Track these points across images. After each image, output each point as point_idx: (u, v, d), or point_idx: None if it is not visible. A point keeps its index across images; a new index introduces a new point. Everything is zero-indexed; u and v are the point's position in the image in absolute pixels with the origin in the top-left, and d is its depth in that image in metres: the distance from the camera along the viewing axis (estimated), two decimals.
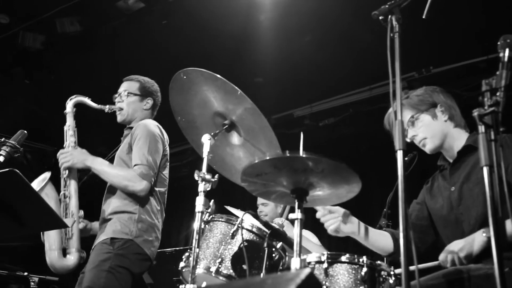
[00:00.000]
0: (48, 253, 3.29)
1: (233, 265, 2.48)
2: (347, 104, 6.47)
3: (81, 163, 3.37)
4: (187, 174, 7.71)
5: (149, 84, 3.71)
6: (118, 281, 3.08)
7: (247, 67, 5.75)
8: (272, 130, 2.46)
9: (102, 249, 3.17)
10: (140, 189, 3.23)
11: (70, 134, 3.58)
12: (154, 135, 3.39)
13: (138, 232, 3.22)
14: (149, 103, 3.66)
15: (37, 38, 5.76)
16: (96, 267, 3.10)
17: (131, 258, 3.16)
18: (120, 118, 3.65)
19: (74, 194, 3.43)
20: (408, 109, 2.74)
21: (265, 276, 1.26)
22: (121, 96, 3.63)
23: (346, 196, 2.22)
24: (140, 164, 3.26)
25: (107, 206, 3.36)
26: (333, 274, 2.28)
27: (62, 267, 3.29)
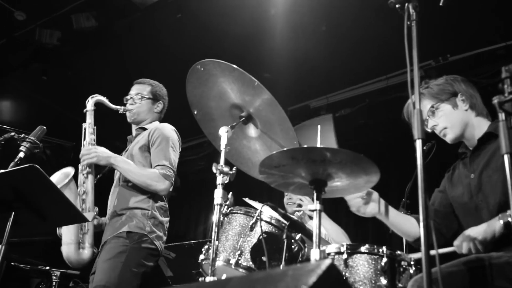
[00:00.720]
0: (65, 247, 3.35)
1: (252, 257, 2.49)
2: (363, 94, 6.43)
3: (105, 160, 3.42)
4: (203, 167, 7.75)
5: (159, 88, 3.84)
6: (131, 272, 3.15)
7: (262, 59, 5.72)
8: (289, 121, 2.45)
9: (118, 242, 3.23)
10: (162, 188, 3.33)
11: (90, 132, 3.65)
12: (174, 139, 3.54)
13: (151, 228, 3.31)
14: (159, 107, 3.79)
15: (54, 34, 5.82)
16: (112, 258, 3.16)
17: (145, 252, 3.24)
18: (131, 118, 3.74)
19: (91, 190, 3.49)
20: (429, 99, 2.72)
21: (286, 268, 1.26)
22: (134, 99, 3.73)
23: (365, 186, 2.21)
24: (162, 165, 3.36)
25: (119, 202, 3.43)
26: (352, 265, 2.28)
27: (77, 261, 3.36)
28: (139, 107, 3.70)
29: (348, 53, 5.77)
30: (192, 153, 7.79)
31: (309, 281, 1.12)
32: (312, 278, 1.13)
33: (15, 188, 2.51)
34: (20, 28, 6.00)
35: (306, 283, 1.12)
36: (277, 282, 1.18)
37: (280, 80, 5.70)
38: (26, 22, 5.88)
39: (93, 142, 3.62)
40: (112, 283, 3.07)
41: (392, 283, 2.23)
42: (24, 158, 3.05)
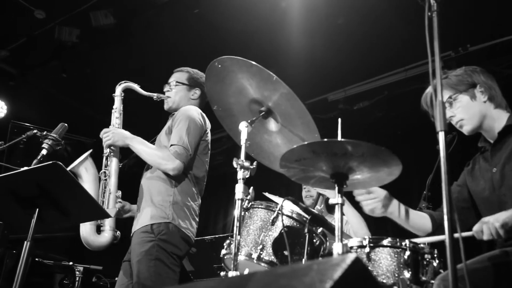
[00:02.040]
0: (82, 227, 3.34)
1: (274, 251, 2.49)
2: (381, 87, 6.38)
3: (122, 141, 3.44)
4: (222, 162, 7.76)
5: (198, 75, 3.78)
6: (167, 266, 3.15)
7: (278, 53, 5.71)
8: (309, 114, 2.44)
9: (144, 238, 3.20)
10: (172, 167, 3.27)
11: (116, 116, 3.66)
12: (194, 119, 3.44)
13: (174, 214, 3.26)
14: (197, 93, 3.74)
15: (73, 32, 5.87)
16: (143, 258, 3.14)
17: (173, 241, 3.21)
18: (167, 106, 3.72)
19: (114, 174, 3.48)
20: (447, 89, 2.69)
21: (310, 262, 1.26)
22: (170, 85, 3.71)
23: (386, 179, 2.19)
24: (175, 144, 3.31)
25: (143, 191, 3.42)
26: (375, 258, 2.27)
27: (94, 243, 3.34)
28: (175, 94, 3.68)
29: (365, 45, 5.72)
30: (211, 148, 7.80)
31: (334, 276, 1.12)
32: (338, 273, 1.12)
33: (39, 185, 2.54)
34: (40, 27, 6.07)
35: (332, 277, 1.12)
36: (302, 276, 1.17)
37: (297, 74, 5.68)
38: (46, 20, 5.94)
39: (118, 126, 3.63)
40: (152, 282, 3.05)
41: (415, 276, 2.22)
42: (46, 155, 3.09)
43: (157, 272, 3.08)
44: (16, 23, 6.05)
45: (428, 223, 2.70)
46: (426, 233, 2.69)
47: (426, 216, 2.72)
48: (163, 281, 3.07)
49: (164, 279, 3.08)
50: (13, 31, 6.26)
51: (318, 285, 1.10)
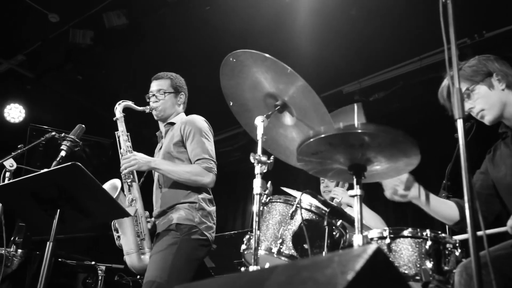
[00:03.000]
0: (128, 257, 3.46)
1: (294, 245, 2.49)
2: (396, 77, 6.32)
3: (146, 165, 3.46)
4: (239, 158, 7.78)
5: (179, 79, 3.83)
6: (183, 263, 3.21)
7: (291, 46, 5.69)
8: (324, 106, 2.43)
9: (169, 235, 3.30)
10: (208, 181, 3.39)
11: (124, 139, 3.68)
12: (205, 129, 3.55)
13: (201, 219, 3.36)
14: (182, 98, 3.81)
15: (86, 34, 5.92)
16: (164, 249, 3.23)
17: (196, 243, 3.30)
18: (158, 116, 3.76)
19: (138, 197, 3.58)
20: (463, 82, 2.64)
21: (331, 254, 1.26)
22: (156, 96, 3.73)
23: (405, 169, 2.18)
24: (203, 158, 3.40)
25: (165, 200, 3.48)
26: (396, 249, 2.26)
27: (141, 267, 3.44)
28: (164, 103, 3.71)
29: (379, 35, 5.67)
30: (227, 145, 7.82)
31: (356, 267, 1.12)
32: (359, 264, 1.12)
33: (59, 186, 2.56)
34: (54, 30, 6.13)
35: (353, 268, 1.12)
36: (323, 268, 1.17)
37: (310, 67, 5.65)
38: (60, 24, 6.00)
39: (129, 149, 3.65)
40: (165, 274, 3.13)
41: (438, 266, 2.21)
42: (65, 157, 3.13)
43: (174, 267, 3.15)
44: (31, 27, 6.12)
45: (455, 212, 2.66)
46: (453, 222, 2.66)
47: (453, 205, 2.68)
48: (179, 277, 3.14)
49: (180, 275, 3.16)
50: (29, 35, 6.34)
51: (340, 276, 1.10)
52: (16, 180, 2.66)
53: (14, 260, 3.89)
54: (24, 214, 3.00)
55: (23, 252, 3.97)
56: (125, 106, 3.76)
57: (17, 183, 2.64)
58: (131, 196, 3.54)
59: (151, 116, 3.77)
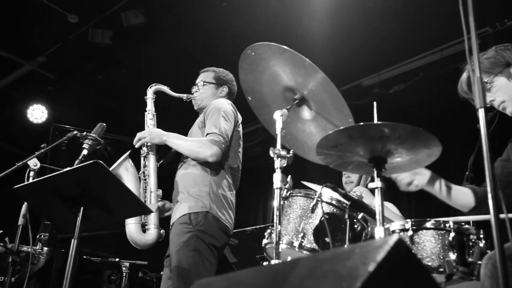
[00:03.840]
0: (128, 227, 3.38)
1: (315, 238, 2.49)
2: (417, 68, 6.25)
3: (158, 138, 3.49)
4: (258, 154, 7.78)
5: (224, 73, 3.85)
6: (205, 258, 3.16)
7: (309, 39, 5.66)
8: (343, 98, 2.42)
9: (182, 229, 3.22)
10: (210, 153, 3.28)
11: (150, 118, 3.74)
12: (226, 110, 3.49)
13: (212, 203, 3.27)
14: (224, 91, 3.80)
15: (105, 33, 5.98)
16: (181, 248, 3.16)
17: (212, 232, 3.22)
18: (196, 106, 3.80)
19: (153, 173, 3.53)
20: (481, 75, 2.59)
21: (352, 246, 1.25)
22: (198, 86, 3.79)
23: (427, 161, 2.16)
24: (211, 132, 3.34)
25: (179, 183, 3.45)
26: (419, 241, 2.24)
27: (140, 241, 3.37)
28: (202, 93, 3.75)
29: (398, 27, 5.62)
30: (247, 140, 7.80)
31: (377, 258, 1.11)
32: (380, 255, 1.12)
33: (82, 184, 2.59)
34: (73, 31, 6.20)
35: (374, 259, 1.11)
36: (344, 260, 1.17)
37: (329, 60, 5.62)
38: (79, 24, 6.06)
39: (153, 127, 3.69)
40: (189, 273, 3.08)
41: (461, 258, 2.18)
42: (87, 155, 3.16)
43: (195, 263, 3.11)
44: (51, 29, 6.20)
45: (470, 199, 2.62)
46: (469, 209, 2.63)
47: (468, 192, 2.65)
48: (201, 272, 3.09)
49: (201, 270, 3.11)
50: (49, 36, 6.42)
51: (361, 268, 1.10)
52: (40, 179, 2.70)
53: (40, 258, 3.95)
54: (48, 213, 3.04)
55: (49, 250, 4.03)
56: (157, 89, 3.83)
57: (41, 182, 2.68)
58: (146, 171, 3.52)
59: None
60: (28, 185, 2.80)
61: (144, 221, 3.41)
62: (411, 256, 1.20)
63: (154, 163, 3.57)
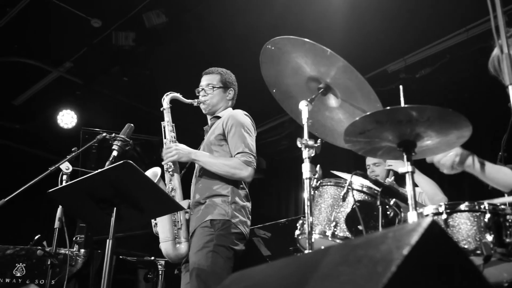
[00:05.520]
0: (163, 244, 3.48)
1: (348, 227, 2.47)
2: (443, 51, 6.13)
3: (186, 157, 3.53)
4: (286, 146, 7.77)
5: (228, 75, 3.87)
6: (223, 259, 3.24)
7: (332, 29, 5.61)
8: (368, 84, 2.39)
9: (204, 232, 3.32)
10: (246, 175, 3.40)
11: (169, 130, 3.75)
12: (247, 124, 3.57)
13: (233, 213, 3.36)
14: (230, 94, 3.82)
15: (129, 35, 6.04)
16: (201, 249, 3.26)
17: (231, 237, 3.31)
18: (206, 110, 3.81)
19: (178, 187, 3.60)
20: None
21: (385, 230, 1.24)
22: (205, 90, 3.78)
23: (457, 142, 2.13)
24: (242, 152, 3.41)
25: (200, 192, 3.50)
26: (454, 224, 2.20)
27: (176, 256, 3.46)
28: (212, 98, 3.75)
29: (421, 9, 5.51)
30: (274, 134, 7.82)
31: (411, 241, 1.10)
32: (414, 237, 1.10)
33: (114, 185, 2.63)
34: (97, 35, 6.29)
35: (409, 242, 1.10)
36: (378, 245, 1.16)
37: (352, 48, 5.57)
38: (102, 28, 6.15)
39: (174, 139, 3.71)
40: (207, 272, 3.16)
41: (499, 239, 2.13)
42: (117, 157, 3.20)
43: (213, 263, 3.19)
44: (75, 34, 6.30)
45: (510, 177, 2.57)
46: (510, 188, 2.57)
47: (508, 171, 2.59)
48: (218, 272, 3.17)
49: (219, 271, 3.18)
50: (74, 42, 6.52)
51: (395, 251, 1.09)
52: (73, 182, 2.74)
53: (78, 260, 4.03)
54: (83, 215, 3.11)
55: (86, 251, 4.11)
56: (172, 97, 3.84)
57: (74, 185, 2.73)
58: (171, 185, 3.58)
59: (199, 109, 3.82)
60: (62, 189, 2.86)
61: (176, 236, 3.49)
62: (446, 238, 1.18)
63: (178, 177, 3.64)
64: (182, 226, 3.49)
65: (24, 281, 3.79)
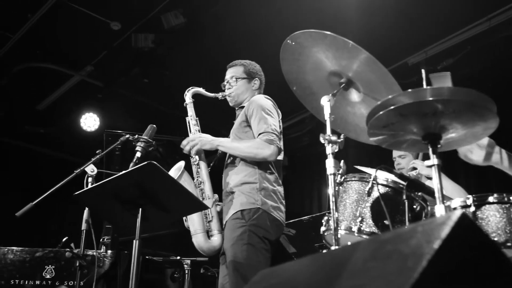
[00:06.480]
0: (194, 237, 3.47)
1: (374, 222, 2.46)
2: (464, 41, 6.02)
3: (210, 144, 3.54)
4: (308, 143, 7.75)
5: (252, 65, 3.85)
6: (259, 251, 3.19)
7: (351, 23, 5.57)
8: (391, 76, 2.36)
9: (235, 224, 3.28)
10: (270, 153, 3.32)
11: (193, 124, 3.76)
12: (268, 106, 3.53)
13: (263, 199, 3.31)
14: (256, 84, 3.80)
15: (148, 37, 6.08)
16: (235, 243, 3.22)
17: (265, 226, 3.25)
18: (232, 102, 3.81)
19: (206, 179, 3.59)
20: None
21: (414, 224, 1.23)
22: (230, 83, 3.79)
23: (484, 134, 2.09)
24: (263, 132, 3.36)
25: (228, 182, 3.49)
26: (482, 217, 2.17)
27: (209, 249, 3.45)
28: (237, 89, 3.75)
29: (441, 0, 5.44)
30: (296, 130, 7.81)
31: (441, 234, 1.08)
32: (445, 231, 1.09)
33: (138, 186, 2.65)
34: (117, 38, 6.34)
35: (439, 236, 1.08)
36: (407, 239, 1.15)
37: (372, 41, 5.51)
38: (122, 31, 6.20)
39: (198, 133, 3.72)
40: (245, 266, 3.13)
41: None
42: (141, 158, 3.23)
43: (249, 257, 3.15)
44: (95, 38, 6.36)
45: None
46: None
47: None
48: (255, 265, 3.12)
49: (256, 263, 3.14)
50: (94, 46, 6.59)
51: (425, 246, 1.07)
52: (99, 184, 2.78)
53: (105, 261, 4.07)
54: (109, 216, 3.14)
55: (113, 252, 4.15)
56: (194, 92, 3.84)
57: (100, 187, 2.76)
58: (199, 179, 3.57)
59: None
60: (88, 191, 2.89)
61: (208, 228, 3.48)
62: (477, 231, 1.16)
63: (206, 169, 3.63)
64: (213, 218, 3.48)
65: (54, 283, 3.85)
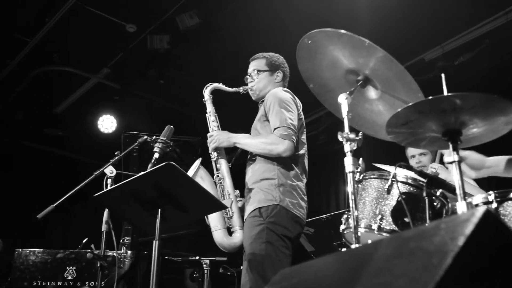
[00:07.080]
0: (214, 234, 3.44)
1: (394, 219, 2.44)
2: (482, 36, 5.96)
3: (227, 141, 3.51)
4: (324, 141, 7.72)
5: (275, 57, 3.76)
6: (278, 249, 3.14)
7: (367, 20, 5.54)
8: (409, 74, 2.34)
9: (253, 222, 3.23)
10: (283, 149, 3.25)
11: (212, 120, 3.73)
12: (286, 99, 3.44)
13: (282, 196, 3.24)
14: (279, 76, 3.71)
15: (163, 38, 6.11)
16: (253, 241, 3.17)
17: (283, 223, 3.19)
18: (254, 96, 3.73)
19: (227, 175, 3.56)
20: None
21: (437, 221, 1.21)
22: (252, 76, 3.72)
23: (504, 129, 2.07)
24: (278, 126, 3.30)
25: (249, 178, 3.45)
26: (505, 213, 2.14)
27: (229, 245, 3.41)
28: (258, 82, 3.67)
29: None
30: (312, 129, 7.79)
31: (466, 231, 1.07)
32: (469, 228, 1.07)
33: (157, 186, 2.66)
34: (133, 40, 6.39)
35: (463, 233, 1.07)
36: (430, 237, 1.14)
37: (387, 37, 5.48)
38: (137, 32, 6.25)
39: (217, 129, 3.70)
40: (264, 265, 3.09)
41: None
42: (159, 158, 3.24)
43: (268, 255, 3.09)
44: (111, 40, 6.42)
45: None
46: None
47: None
48: (274, 263, 3.08)
49: (275, 262, 3.09)
50: (110, 48, 6.65)
51: (449, 243, 1.06)
52: (118, 185, 2.79)
53: (126, 261, 4.10)
54: (128, 217, 3.16)
55: (132, 253, 4.17)
56: (213, 88, 3.80)
57: (119, 188, 2.78)
58: (220, 175, 3.55)
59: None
60: (107, 192, 2.91)
61: (229, 225, 3.45)
62: (502, 227, 1.15)
63: (226, 165, 3.59)
64: (234, 214, 3.44)
65: (75, 284, 3.89)
